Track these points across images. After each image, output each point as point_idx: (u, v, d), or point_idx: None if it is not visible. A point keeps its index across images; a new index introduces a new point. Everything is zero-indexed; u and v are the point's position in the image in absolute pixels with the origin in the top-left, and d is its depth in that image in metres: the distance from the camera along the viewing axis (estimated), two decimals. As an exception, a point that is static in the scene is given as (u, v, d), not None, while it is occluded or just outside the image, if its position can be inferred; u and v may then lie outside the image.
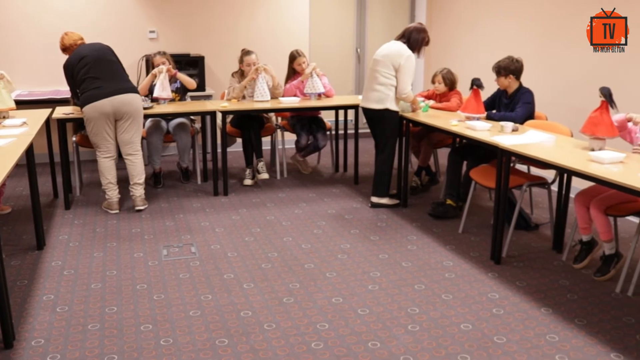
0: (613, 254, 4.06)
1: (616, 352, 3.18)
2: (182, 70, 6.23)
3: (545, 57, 6.15)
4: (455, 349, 3.20)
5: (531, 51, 6.12)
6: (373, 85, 5.28)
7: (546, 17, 6.17)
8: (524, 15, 6.48)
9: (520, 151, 4.04)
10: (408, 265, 4.28)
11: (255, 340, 3.26)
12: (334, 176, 6.65)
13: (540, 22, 6.25)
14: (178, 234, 4.84)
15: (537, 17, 6.29)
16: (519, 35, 6.56)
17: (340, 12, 8.36)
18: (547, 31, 6.17)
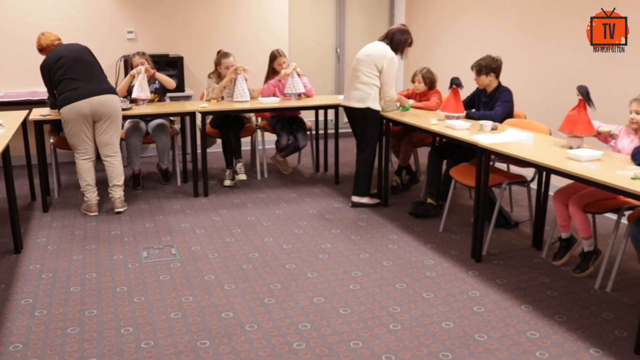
0: (592, 251, 4.10)
1: (595, 348, 3.21)
2: (161, 70, 6.19)
3: (524, 55, 6.20)
4: (436, 347, 3.21)
5: (509, 50, 6.16)
6: (355, 84, 5.28)
7: (524, 15, 6.22)
8: (502, 15, 6.52)
9: (500, 150, 4.07)
10: (389, 264, 4.28)
11: (237, 342, 3.24)
12: (315, 176, 6.65)
13: (518, 21, 6.30)
14: (158, 235, 4.80)
15: (515, 16, 6.34)
16: (497, 34, 6.61)
17: (319, 12, 8.35)
18: (525, 30, 6.22)
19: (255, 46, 7.54)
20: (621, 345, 3.25)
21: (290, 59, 6.61)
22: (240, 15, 7.59)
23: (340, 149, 6.37)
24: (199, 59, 7.36)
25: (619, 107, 3.85)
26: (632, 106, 3.85)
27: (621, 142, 4.02)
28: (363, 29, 8.46)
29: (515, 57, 6.12)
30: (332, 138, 6.47)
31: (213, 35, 7.46)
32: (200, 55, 7.36)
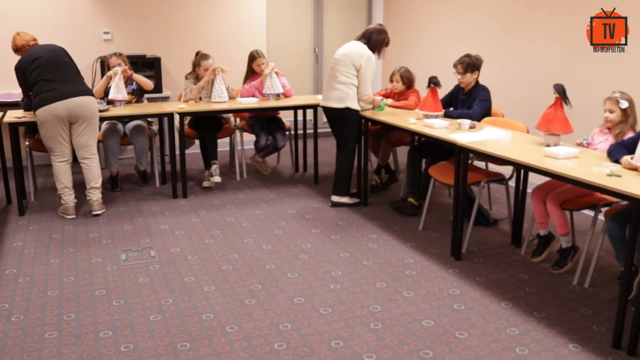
0: (570, 247, 4.14)
1: (574, 343, 3.24)
2: (138, 71, 6.14)
3: (501, 54, 6.24)
4: (417, 345, 3.22)
5: (486, 48, 6.19)
6: (333, 84, 5.28)
7: (501, 14, 6.26)
8: (479, 14, 6.56)
9: (478, 148, 4.09)
10: (369, 263, 4.29)
11: (218, 343, 3.23)
12: (294, 176, 6.64)
13: (495, 20, 6.34)
14: (137, 238, 4.76)
15: (492, 15, 6.38)
16: (474, 33, 6.65)
17: (297, 12, 8.34)
18: (502, 28, 6.26)
19: (233, 46, 7.50)
20: (599, 340, 3.28)
21: (269, 59, 6.59)
22: (218, 16, 7.55)
23: (319, 148, 6.37)
24: (177, 59, 7.31)
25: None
26: (606, 105, 3.91)
27: (596, 141, 4.07)
28: (341, 29, 8.47)
29: (492, 55, 6.16)
30: (311, 138, 6.46)
31: (191, 35, 7.42)
32: (178, 56, 7.32)
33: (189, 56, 6.34)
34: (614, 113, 3.88)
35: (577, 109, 4.10)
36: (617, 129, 3.92)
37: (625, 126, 3.87)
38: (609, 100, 3.89)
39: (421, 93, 5.67)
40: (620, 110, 3.84)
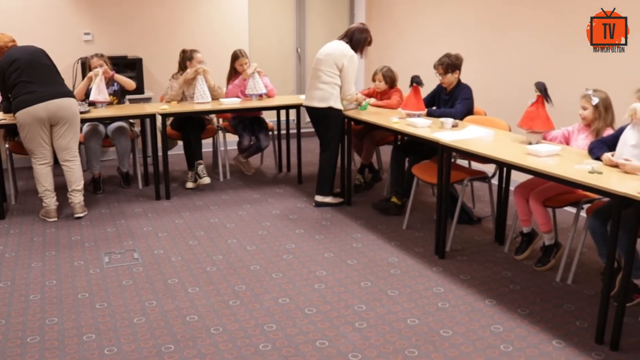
0: (552, 244, 4.17)
1: (558, 339, 3.26)
2: (119, 72, 6.09)
3: (483, 53, 6.27)
4: (402, 344, 3.22)
5: (469, 47, 6.22)
6: (316, 84, 5.28)
7: (483, 13, 6.29)
8: (461, 13, 6.59)
9: (460, 147, 4.11)
10: (353, 263, 4.29)
11: (202, 345, 3.21)
12: (278, 176, 6.63)
13: (477, 19, 6.37)
14: (120, 240, 4.73)
15: (474, 14, 6.41)
16: (456, 32, 6.67)
17: (279, 12, 8.33)
18: (484, 27, 6.29)
19: (215, 46, 7.47)
20: (582, 335, 3.30)
21: (251, 59, 6.57)
22: (200, 16, 7.52)
23: (302, 148, 6.36)
24: (159, 60, 7.27)
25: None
26: (581, 102, 3.95)
27: (575, 141, 4.10)
28: (323, 29, 8.47)
29: (474, 54, 6.19)
30: (294, 138, 6.45)
31: (172, 36, 7.38)
32: (159, 57, 7.28)
33: (171, 57, 6.31)
34: (587, 110, 3.94)
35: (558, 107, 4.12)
36: (593, 126, 3.96)
37: (601, 123, 3.92)
38: (583, 97, 3.95)
39: (404, 92, 5.68)
40: (592, 106, 3.89)
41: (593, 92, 3.90)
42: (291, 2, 8.34)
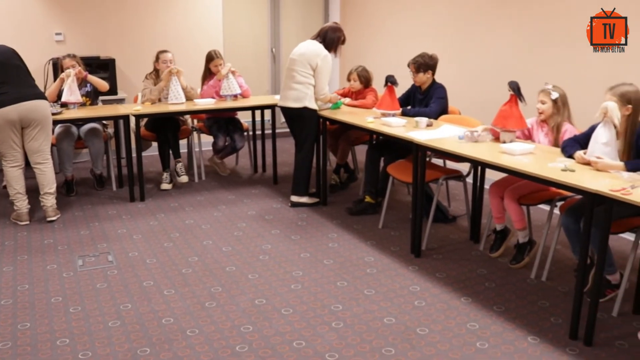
0: (527, 242, 4.21)
1: (533, 335, 3.29)
2: (92, 73, 6.01)
3: (457, 52, 6.31)
4: (379, 343, 3.23)
5: (443, 47, 6.25)
6: (290, 84, 5.27)
7: (457, 13, 6.33)
8: (436, 12, 6.62)
9: (435, 146, 4.13)
10: (330, 262, 4.29)
11: (178, 347, 3.19)
12: (253, 177, 6.60)
13: (451, 18, 6.41)
14: (94, 243, 4.68)
15: (448, 14, 6.44)
16: (431, 31, 6.70)
17: (254, 12, 8.30)
18: (458, 27, 6.33)
19: (189, 47, 7.42)
20: (557, 331, 3.34)
21: (226, 59, 6.53)
22: (173, 16, 7.46)
23: (278, 149, 6.34)
24: (132, 60, 7.21)
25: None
26: (539, 97, 4.01)
27: (537, 139, 4.15)
28: (298, 28, 8.45)
29: (449, 54, 6.22)
30: (269, 138, 6.43)
31: (146, 36, 7.31)
32: (133, 57, 7.21)
33: (145, 57, 6.25)
34: (545, 104, 4.00)
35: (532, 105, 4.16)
36: (551, 121, 4.03)
37: (559, 118, 3.98)
38: (542, 92, 4.02)
39: (379, 92, 5.69)
40: (551, 101, 3.94)
41: (552, 87, 3.96)
42: (265, 2, 8.32)
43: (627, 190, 2.97)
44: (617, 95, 3.41)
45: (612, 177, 3.25)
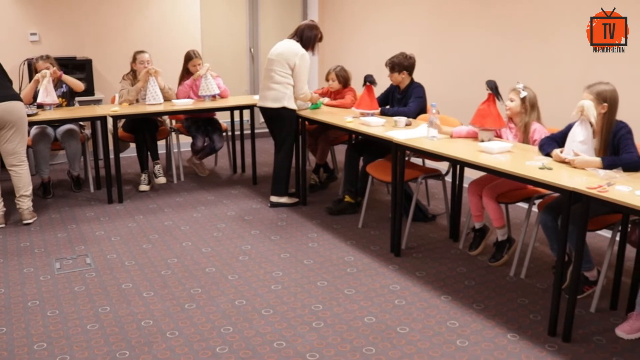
0: (505, 240, 4.23)
1: (512, 332, 3.31)
2: (68, 74, 5.94)
3: (435, 52, 6.34)
4: (360, 342, 3.23)
5: (421, 46, 6.28)
6: (269, 84, 5.25)
7: (435, 12, 6.36)
8: (414, 12, 6.65)
9: (414, 145, 4.14)
10: (310, 262, 4.28)
11: (158, 350, 3.16)
12: (232, 177, 6.58)
13: (430, 18, 6.43)
14: (71, 245, 4.63)
15: (427, 13, 6.47)
16: (409, 31, 6.73)
17: (232, 12, 8.27)
18: (437, 26, 6.36)
19: (167, 47, 7.38)
20: (536, 328, 3.36)
21: (204, 59, 6.49)
22: (151, 16, 7.41)
23: (257, 149, 6.33)
24: (109, 61, 7.14)
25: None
26: (509, 95, 4.05)
27: (505, 136, 4.18)
28: (277, 28, 8.43)
29: (427, 53, 6.25)
30: (248, 139, 6.41)
31: (123, 36, 7.25)
32: (109, 57, 7.15)
33: (122, 57, 6.20)
34: (514, 102, 4.04)
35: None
36: (519, 121, 4.07)
37: (526, 118, 4.02)
38: (513, 90, 4.06)
39: (357, 91, 5.70)
40: (520, 99, 3.98)
41: (523, 87, 4.01)
42: (244, 2, 8.29)
43: (603, 188, 3.00)
44: (594, 94, 3.44)
45: (589, 174, 3.28)
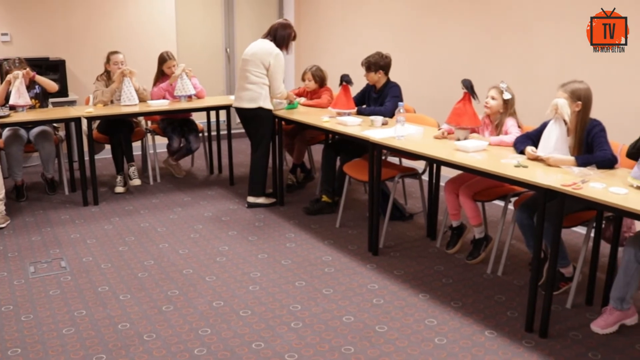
0: (482, 238, 4.26)
1: (490, 329, 3.34)
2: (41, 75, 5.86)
3: (411, 51, 6.36)
4: (338, 341, 3.23)
5: (397, 45, 6.30)
6: (244, 84, 5.23)
7: (411, 12, 6.38)
8: (390, 12, 6.66)
9: (390, 144, 4.15)
10: (288, 263, 4.27)
11: (135, 353, 3.13)
12: (209, 178, 6.54)
13: (406, 18, 6.45)
14: (46, 248, 4.57)
15: (403, 13, 6.49)
16: (385, 30, 6.74)
17: (207, 12, 8.23)
18: (412, 26, 6.38)
19: (142, 47, 7.32)
20: (513, 325, 3.39)
21: (179, 59, 6.46)
22: (125, 16, 7.34)
23: (233, 149, 6.30)
24: (83, 61, 7.06)
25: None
26: (490, 92, 4.08)
27: (482, 134, 4.21)
28: (252, 28, 8.40)
29: (403, 52, 6.26)
30: (225, 139, 6.39)
31: (97, 36, 7.17)
32: (83, 58, 7.07)
33: (96, 58, 6.13)
34: (495, 101, 4.06)
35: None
36: (496, 119, 4.10)
37: (504, 116, 4.06)
38: (494, 88, 4.08)
39: (334, 91, 5.70)
40: (503, 100, 4.02)
41: (507, 87, 4.03)
42: (219, 1, 8.25)
43: (577, 185, 3.03)
44: (568, 92, 3.48)
45: (563, 172, 3.31)
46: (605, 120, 3.50)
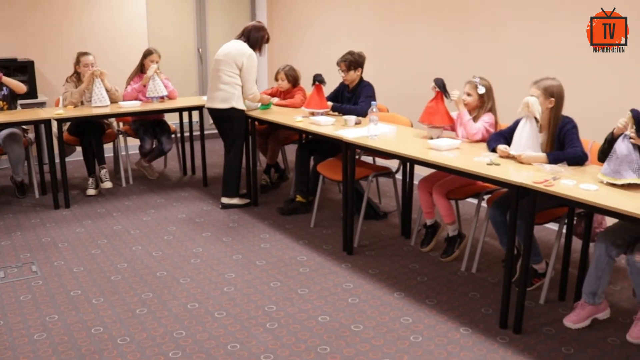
0: (456, 235, 4.29)
1: (465, 326, 3.36)
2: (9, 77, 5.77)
3: (383, 50, 6.38)
4: (314, 341, 3.23)
5: (369, 45, 6.31)
6: (217, 85, 5.20)
7: (382, 11, 6.40)
8: (361, 11, 6.68)
9: (364, 143, 4.16)
10: (262, 263, 4.26)
11: (109, 357, 3.09)
12: (182, 180, 6.50)
13: (378, 17, 6.47)
14: (16, 253, 4.49)
15: (374, 12, 6.51)
16: (357, 30, 6.76)
17: (179, 12, 8.17)
18: (384, 25, 6.40)
19: (113, 47, 7.24)
20: (487, 321, 3.42)
21: (151, 60, 6.39)
22: (95, 16, 7.25)
23: (207, 150, 6.27)
24: (52, 62, 6.97)
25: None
26: (465, 88, 4.11)
27: (459, 130, 4.24)
28: (225, 29, 8.37)
29: (375, 52, 6.28)
30: (198, 140, 6.35)
31: (66, 37, 7.08)
32: (52, 59, 6.97)
33: (66, 58, 6.04)
34: (471, 97, 4.09)
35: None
36: (473, 113, 4.12)
37: (481, 111, 4.09)
38: (469, 83, 4.09)
39: (307, 91, 5.69)
40: (478, 95, 4.04)
41: (480, 80, 4.05)
42: (191, 2, 8.20)
43: (549, 182, 3.07)
44: (541, 89, 3.51)
45: (535, 169, 3.34)
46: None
